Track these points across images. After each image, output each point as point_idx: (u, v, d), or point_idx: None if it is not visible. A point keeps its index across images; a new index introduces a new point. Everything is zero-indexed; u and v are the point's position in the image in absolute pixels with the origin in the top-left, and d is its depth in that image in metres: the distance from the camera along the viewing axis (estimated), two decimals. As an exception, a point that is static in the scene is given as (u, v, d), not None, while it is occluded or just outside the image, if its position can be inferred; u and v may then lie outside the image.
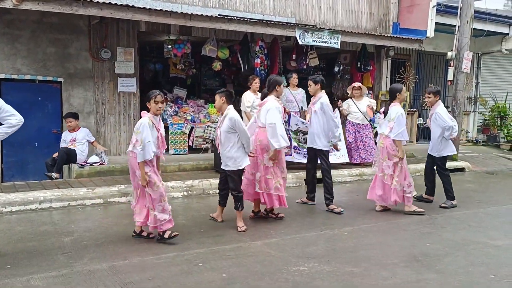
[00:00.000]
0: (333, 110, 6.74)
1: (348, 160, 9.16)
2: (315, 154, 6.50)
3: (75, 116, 7.96)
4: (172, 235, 4.84)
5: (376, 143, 7.17)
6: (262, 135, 5.58)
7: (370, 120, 10.00)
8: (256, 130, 5.69)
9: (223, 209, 5.69)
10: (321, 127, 6.32)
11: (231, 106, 5.30)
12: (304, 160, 8.57)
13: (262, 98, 5.87)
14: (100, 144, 8.31)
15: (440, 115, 6.69)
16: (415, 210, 6.28)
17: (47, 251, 4.54)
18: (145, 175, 4.70)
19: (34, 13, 7.81)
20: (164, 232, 4.83)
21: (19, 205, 6.02)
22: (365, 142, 9.30)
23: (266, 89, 5.81)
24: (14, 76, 8.06)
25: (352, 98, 9.34)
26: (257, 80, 8.28)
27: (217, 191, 6.89)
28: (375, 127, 10.39)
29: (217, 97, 5.35)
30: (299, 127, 8.38)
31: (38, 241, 4.84)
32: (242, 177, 5.54)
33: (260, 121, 5.63)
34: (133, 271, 4.09)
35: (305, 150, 8.51)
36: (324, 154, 6.42)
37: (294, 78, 8.98)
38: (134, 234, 5.04)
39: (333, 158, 8.56)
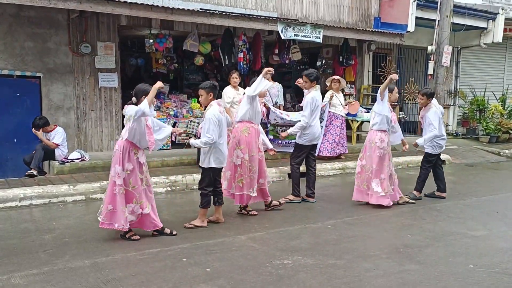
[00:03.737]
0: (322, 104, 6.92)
1: None
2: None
3: (44, 125, 7.70)
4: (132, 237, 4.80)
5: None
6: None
7: (353, 115, 10.12)
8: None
9: (220, 208, 5.50)
10: (303, 121, 6.37)
11: (214, 102, 5.22)
12: (282, 149, 8.96)
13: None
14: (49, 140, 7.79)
15: (433, 123, 6.59)
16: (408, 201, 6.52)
17: (28, 249, 4.48)
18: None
19: (11, 6, 7.62)
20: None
21: (-2, 202, 5.91)
22: (342, 134, 9.41)
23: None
24: (-9, 71, 7.88)
25: (331, 90, 9.41)
26: (234, 75, 8.12)
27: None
28: (358, 121, 10.50)
29: (203, 92, 5.16)
30: (277, 121, 8.81)
31: (18, 239, 4.76)
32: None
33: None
34: (116, 267, 4.06)
35: (281, 141, 8.82)
36: (294, 147, 6.70)
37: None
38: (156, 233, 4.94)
39: (289, 148, 8.81)
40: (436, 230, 5.35)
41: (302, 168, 6.61)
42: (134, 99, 4.72)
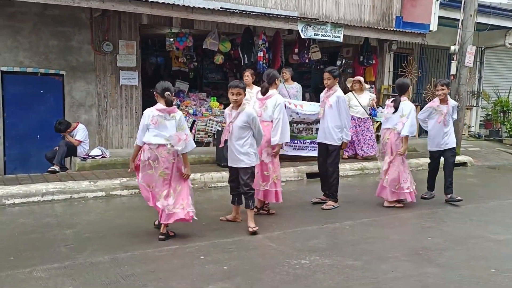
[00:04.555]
0: None
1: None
2: (327, 149, 6.21)
3: (66, 128, 7.84)
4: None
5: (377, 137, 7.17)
6: (265, 130, 5.48)
7: (371, 114, 9.99)
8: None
9: (239, 208, 5.42)
10: (335, 122, 6.08)
11: (246, 101, 5.22)
12: (295, 153, 8.70)
13: (263, 92, 5.81)
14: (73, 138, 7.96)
15: (455, 107, 6.73)
16: (395, 205, 6.31)
17: (50, 243, 4.57)
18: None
19: (36, 5, 7.79)
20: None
21: (21, 197, 6.04)
22: (366, 136, 9.31)
23: (266, 83, 5.75)
24: (17, 69, 8.06)
25: (353, 91, 9.33)
26: (247, 73, 7.89)
27: (219, 185, 6.90)
28: (377, 121, 10.39)
29: (243, 92, 4.97)
30: (293, 118, 8.50)
31: (40, 233, 4.86)
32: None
33: (268, 115, 5.58)
34: (135, 263, 4.11)
35: (297, 141, 8.62)
36: (336, 150, 6.19)
37: (285, 73, 8.98)
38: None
39: (305, 152, 8.85)
40: (457, 233, 5.27)
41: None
42: (167, 93, 4.67)
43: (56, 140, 8.06)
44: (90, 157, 7.84)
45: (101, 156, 7.92)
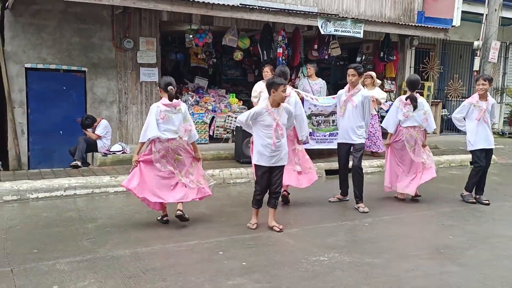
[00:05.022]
0: None
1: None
2: (349, 149, 6.05)
3: (92, 123, 8.03)
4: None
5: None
6: None
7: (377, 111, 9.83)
8: None
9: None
10: (359, 122, 5.89)
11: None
12: (318, 146, 8.65)
13: None
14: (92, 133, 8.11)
15: (495, 105, 6.52)
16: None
17: (72, 237, 4.65)
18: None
19: (59, 3, 7.93)
20: None
21: (45, 191, 6.16)
22: (371, 132, 9.19)
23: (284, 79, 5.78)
24: (40, 66, 8.22)
25: (364, 86, 9.21)
26: (266, 69, 7.75)
27: (238, 181, 6.92)
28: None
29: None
30: (312, 111, 8.44)
31: (63, 227, 4.96)
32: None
33: None
34: (155, 257, 4.16)
35: (318, 134, 8.58)
36: (360, 149, 5.99)
37: (310, 68, 9.02)
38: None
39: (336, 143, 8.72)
40: (480, 232, 5.17)
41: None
42: (170, 87, 4.87)
43: (78, 136, 8.19)
44: (111, 153, 7.95)
45: (121, 152, 8.03)
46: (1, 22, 8.16)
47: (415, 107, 6.13)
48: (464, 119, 6.45)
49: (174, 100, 4.92)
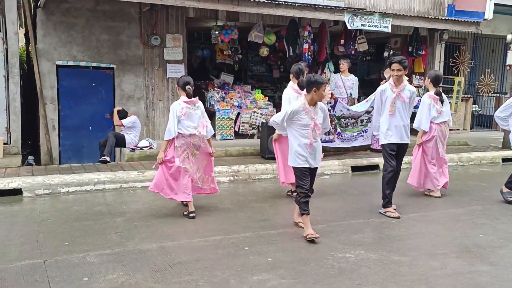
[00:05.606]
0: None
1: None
2: (399, 150, 5.61)
3: (125, 116, 8.28)
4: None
5: None
6: None
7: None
8: None
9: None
10: (408, 120, 5.58)
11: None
12: (343, 145, 8.56)
13: (302, 87, 5.88)
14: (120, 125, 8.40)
15: None
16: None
17: (101, 230, 4.76)
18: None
19: (88, 1, 8.10)
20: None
21: (75, 186, 6.32)
22: None
23: (303, 78, 5.81)
24: (70, 63, 8.42)
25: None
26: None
27: (263, 177, 6.93)
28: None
29: (325, 86, 4.61)
30: (343, 113, 8.45)
31: (93, 221, 5.08)
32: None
33: None
34: (182, 252, 4.21)
35: (346, 135, 8.53)
36: (405, 151, 5.67)
37: (343, 64, 9.01)
38: None
39: (360, 140, 8.80)
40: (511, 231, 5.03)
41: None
42: (188, 87, 5.20)
43: (106, 131, 8.36)
44: (138, 148, 8.09)
45: (148, 147, 8.15)
46: (34, 20, 8.40)
47: (442, 102, 6.12)
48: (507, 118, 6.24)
49: (192, 98, 5.26)
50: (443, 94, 6.22)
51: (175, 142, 5.21)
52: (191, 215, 5.21)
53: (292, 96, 5.90)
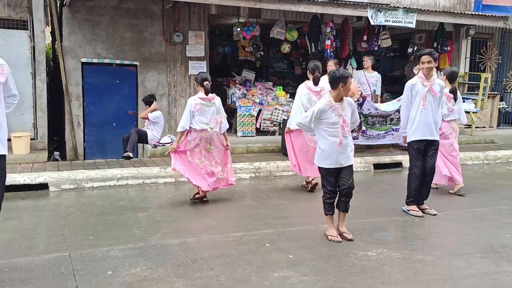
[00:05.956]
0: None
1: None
2: (427, 148, 5.37)
3: (153, 99, 8.40)
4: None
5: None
6: None
7: None
8: None
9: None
10: (438, 115, 5.44)
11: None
12: (367, 142, 8.53)
13: (316, 82, 5.98)
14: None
15: None
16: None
17: (124, 225, 4.83)
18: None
19: (112, -1, 8.21)
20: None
21: (99, 181, 6.43)
22: None
23: (318, 73, 5.95)
24: (95, 60, 8.56)
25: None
26: (330, 63, 7.39)
27: (284, 174, 6.91)
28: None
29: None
30: (370, 112, 8.42)
31: (116, 215, 5.16)
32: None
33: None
34: (203, 247, 4.24)
35: (372, 133, 8.46)
36: (437, 147, 5.45)
37: (366, 61, 8.96)
38: None
39: (389, 139, 8.76)
40: (540, 232, 4.89)
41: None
42: (206, 83, 5.48)
43: (130, 128, 8.47)
44: (161, 145, 8.17)
45: (170, 144, 8.21)
46: (60, 19, 8.57)
47: (455, 100, 6.08)
48: None
49: (210, 94, 5.51)
50: (458, 91, 6.21)
51: (188, 136, 5.52)
52: (204, 199, 5.68)
53: (303, 93, 6.00)
